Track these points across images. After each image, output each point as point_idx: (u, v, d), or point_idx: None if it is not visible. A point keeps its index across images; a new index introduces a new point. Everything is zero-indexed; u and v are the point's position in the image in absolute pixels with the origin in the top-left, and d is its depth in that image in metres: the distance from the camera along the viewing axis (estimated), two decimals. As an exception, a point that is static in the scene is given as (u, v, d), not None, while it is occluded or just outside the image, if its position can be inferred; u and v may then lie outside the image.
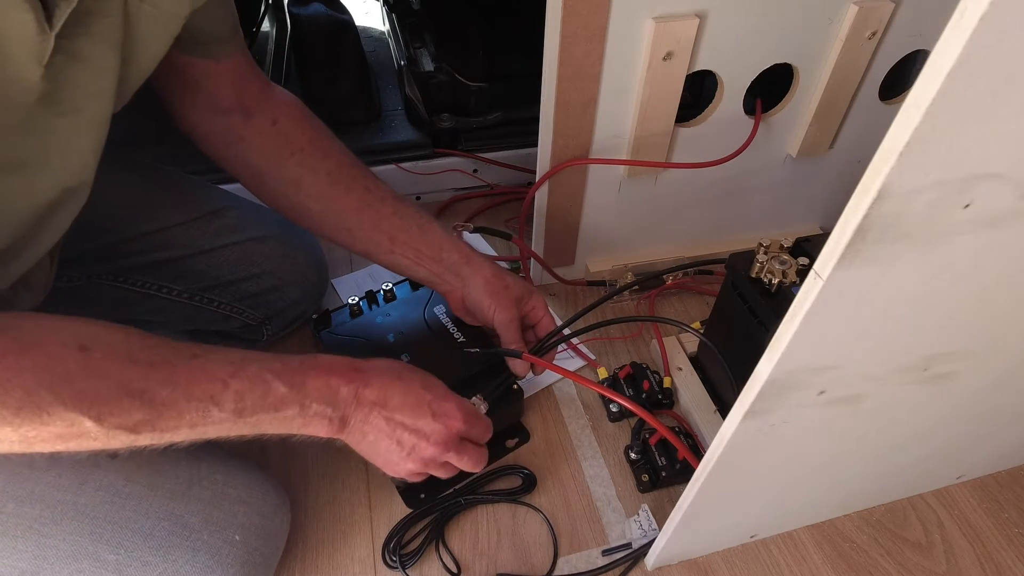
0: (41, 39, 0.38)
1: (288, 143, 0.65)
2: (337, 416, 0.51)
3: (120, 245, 0.68)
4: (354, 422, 0.52)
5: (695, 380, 0.76)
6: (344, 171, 0.66)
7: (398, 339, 0.72)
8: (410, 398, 0.54)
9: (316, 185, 0.65)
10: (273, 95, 0.66)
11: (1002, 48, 0.23)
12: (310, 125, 0.67)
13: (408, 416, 0.54)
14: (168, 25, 0.49)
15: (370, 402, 0.52)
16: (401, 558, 0.62)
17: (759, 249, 0.63)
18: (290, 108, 0.66)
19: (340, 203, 0.66)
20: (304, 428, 0.51)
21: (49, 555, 0.49)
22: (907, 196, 0.28)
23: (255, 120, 0.64)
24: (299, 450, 0.71)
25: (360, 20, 1.16)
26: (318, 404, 0.50)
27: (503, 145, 1.02)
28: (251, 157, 0.65)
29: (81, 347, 0.41)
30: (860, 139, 0.84)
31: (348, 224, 0.67)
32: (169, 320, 0.74)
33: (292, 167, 0.65)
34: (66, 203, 0.49)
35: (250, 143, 0.64)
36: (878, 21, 0.69)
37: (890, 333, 0.38)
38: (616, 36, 0.63)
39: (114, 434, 0.42)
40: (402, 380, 0.55)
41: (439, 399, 0.56)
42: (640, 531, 0.64)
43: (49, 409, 0.39)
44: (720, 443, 0.44)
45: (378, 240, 0.67)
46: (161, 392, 0.43)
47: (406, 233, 0.67)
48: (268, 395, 0.47)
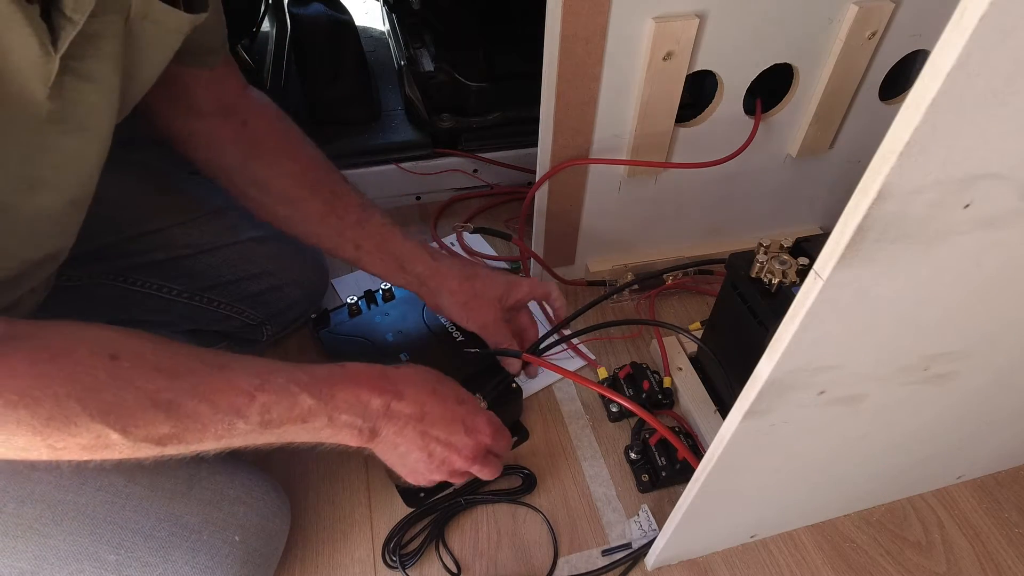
0: (45, 61, 0.38)
1: (256, 145, 0.65)
2: (368, 427, 0.51)
3: (120, 244, 0.68)
4: (386, 433, 0.52)
5: (695, 380, 0.76)
6: (310, 175, 0.66)
7: (397, 339, 0.72)
8: (447, 412, 0.54)
9: (282, 188, 0.65)
10: (248, 97, 0.66)
11: (1002, 48, 0.23)
12: (280, 127, 0.66)
13: (443, 431, 0.54)
14: (170, 41, 0.49)
15: (406, 415, 0.52)
16: (401, 558, 0.62)
17: (759, 249, 0.63)
18: (262, 109, 0.66)
19: (305, 208, 0.66)
20: (333, 438, 0.51)
21: (49, 555, 0.49)
22: (907, 196, 0.28)
23: (228, 121, 0.64)
24: (300, 451, 0.71)
25: (360, 20, 1.16)
26: (347, 415, 0.50)
27: (503, 145, 1.02)
28: (224, 159, 0.65)
29: (111, 356, 0.41)
30: (860, 139, 0.84)
31: (314, 229, 0.67)
32: (169, 320, 0.74)
33: (259, 168, 0.65)
34: (71, 214, 0.49)
35: (221, 144, 0.64)
36: (878, 21, 0.69)
37: (890, 333, 0.38)
38: (616, 36, 0.63)
39: (140, 446, 0.42)
40: (437, 393, 0.54)
41: (472, 414, 0.56)
42: (640, 531, 0.64)
43: (77, 420, 0.39)
44: (720, 443, 0.44)
45: (344, 247, 0.67)
46: (187, 404, 0.43)
47: (370, 242, 0.67)
48: (295, 407, 0.47)
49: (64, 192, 0.47)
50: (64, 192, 0.47)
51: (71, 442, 0.39)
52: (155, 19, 0.46)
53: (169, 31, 0.48)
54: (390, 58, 1.14)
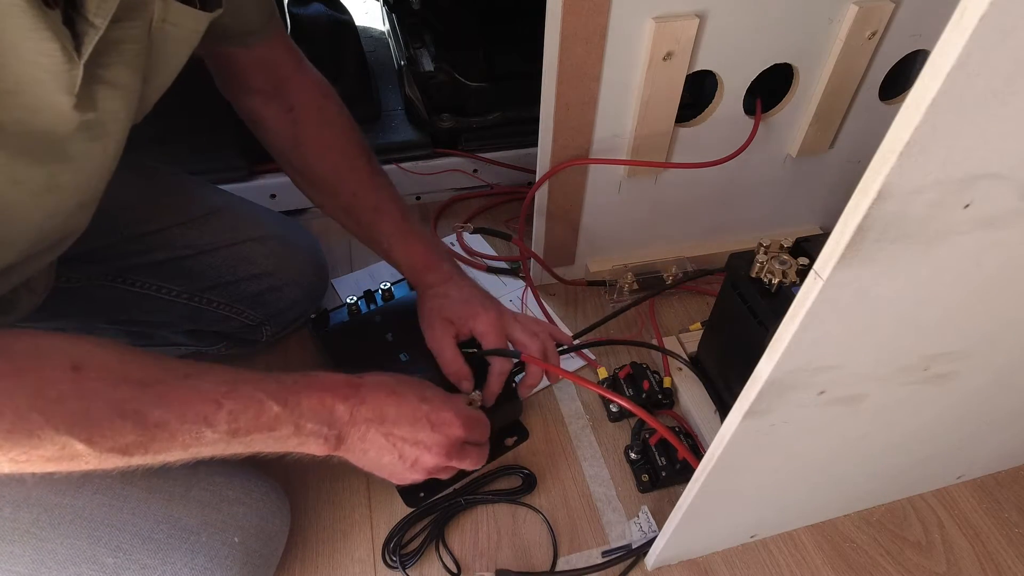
0: (69, 68, 0.38)
1: (299, 131, 0.66)
2: (333, 435, 0.51)
3: (120, 245, 0.68)
4: (352, 440, 0.52)
5: (695, 380, 0.76)
6: (346, 163, 0.68)
7: (396, 339, 0.72)
8: (406, 411, 0.54)
9: (321, 176, 0.67)
10: (299, 78, 0.66)
11: (1002, 48, 0.23)
12: (326, 115, 0.67)
13: (407, 430, 0.54)
14: (188, 42, 0.49)
15: (366, 419, 0.52)
16: (401, 558, 0.62)
17: (759, 249, 0.63)
18: (311, 94, 0.67)
19: (340, 201, 0.68)
20: (300, 447, 0.50)
21: (47, 559, 0.48)
22: (907, 196, 0.28)
23: (273, 103, 0.65)
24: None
25: (360, 20, 1.16)
26: (313, 423, 0.49)
27: (503, 145, 1.02)
28: (270, 138, 0.68)
29: (74, 367, 0.40)
30: (860, 139, 0.84)
31: (345, 222, 0.70)
32: (168, 320, 0.74)
33: (300, 157, 0.67)
34: (79, 216, 0.49)
35: (267, 127, 0.67)
36: (878, 21, 0.69)
37: (890, 333, 0.38)
38: (616, 36, 0.63)
39: (106, 456, 0.41)
40: (396, 394, 0.54)
41: (436, 409, 0.56)
42: (640, 531, 0.64)
43: (40, 433, 0.38)
44: (720, 443, 0.44)
45: (377, 242, 0.70)
46: (153, 413, 0.42)
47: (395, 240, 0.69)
48: (262, 415, 0.47)
49: (76, 195, 0.47)
50: (76, 195, 0.47)
51: (34, 454, 0.39)
52: (173, 21, 0.45)
53: (187, 32, 0.48)
54: (390, 58, 1.14)
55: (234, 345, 0.79)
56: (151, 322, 0.75)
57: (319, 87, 0.68)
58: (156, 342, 0.78)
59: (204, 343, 0.78)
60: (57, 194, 0.44)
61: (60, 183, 0.44)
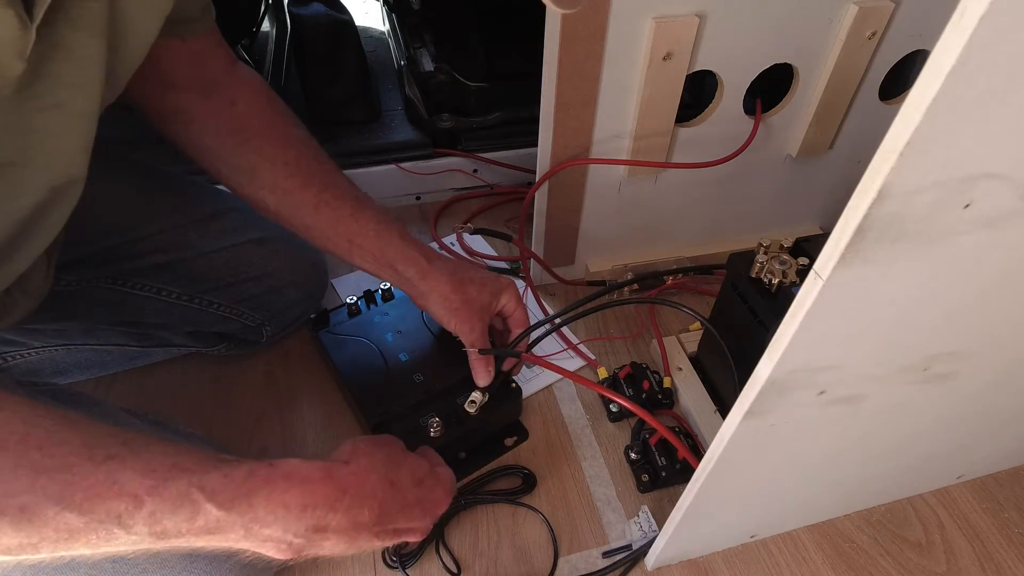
0: (23, 34, 0.35)
1: (244, 127, 0.61)
2: (298, 542, 0.43)
3: (118, 248, 0.67)
4: (326, 545, 0.45)
5: (695, 380, 0.76)
6: (303, 163, 0.62)
7: (396, 339, 0.72)
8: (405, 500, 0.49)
9: (272, 176, 0.62)
10: (237, 75, 0.62)
11: (1002, 48, 0.23)
12: (271, 109, 0.63)
13: (403, 520, 0.50)
14: (158, 7, 0.46)
15: (357, 524, 0.46)
16: (401, 558, 0.62)
17: (759, 249, 0.63)
18: (253, 90, 0.62)
19: (296, 197, 0.62)
20: (257, 549, 0.43)
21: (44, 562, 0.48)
22: (907, 196, 0.28)
23: (212, 100, 0.60)
24: (298, 448, 0.71)
25: (360, 20, 1.16)
26: (270, 529, 0.42)
27: (503, 145, 1.02)
28: (205, 139, 0.61)
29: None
30: (860, 139, 0.84)
31: (305, 221, 0.63)
32: (168, 323, 0.74)
33: (247, 153, 0.61)
34: (57, 202, 0.46)
35: (203, 124, 0.60)
36: (878, 21, 0.69)
37: (890, 333, 0.38)
38: (616, 36, 0.63)
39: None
40: (395, 486, 0.49)
41: (430, 490, 0.52)
42: (640, 531, 0.64)
43: None
44: (720, 443, 0.44)
45: (336, 241, 0.64)
46: (48, 511, 0.35)
47: (362, 237, 0.63)
48: (197, 518, 0.39)
49: (42, 176, 0.43)
50: (42, 176, 0.43)
51: None
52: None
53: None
54: (390, 58, 1.14)
55: (234, 346, 0.79)
56: (151, 324, 0.74)
57: (258, 83, 0.64)
58: (156, 343, 0.78)
59: (204, 344, 0.78)
60: (10, 173, 0.40)
61: (11, 160, 0.40)
